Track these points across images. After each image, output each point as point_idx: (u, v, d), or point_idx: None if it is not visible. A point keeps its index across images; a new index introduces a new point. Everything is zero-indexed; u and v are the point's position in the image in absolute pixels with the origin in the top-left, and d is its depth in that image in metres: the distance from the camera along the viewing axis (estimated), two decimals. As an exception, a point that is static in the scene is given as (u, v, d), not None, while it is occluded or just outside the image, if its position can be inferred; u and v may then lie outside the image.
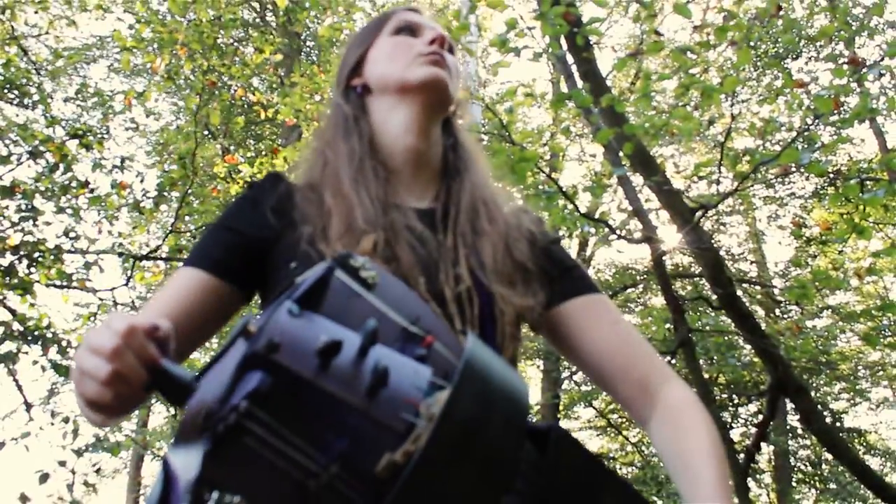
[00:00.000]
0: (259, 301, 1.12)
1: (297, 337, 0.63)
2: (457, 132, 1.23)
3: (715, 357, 7.29)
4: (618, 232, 5.08)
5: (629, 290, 9.58)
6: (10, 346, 5.06)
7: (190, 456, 0.63)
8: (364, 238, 0.98)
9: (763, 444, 6.53)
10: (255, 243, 1.05)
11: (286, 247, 1.02)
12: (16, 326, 5.10)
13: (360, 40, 1.24)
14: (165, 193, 6.09)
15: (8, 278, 5.03)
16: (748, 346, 6.11)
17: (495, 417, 0.64)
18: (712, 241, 4.94)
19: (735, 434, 8.77)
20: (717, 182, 4.33)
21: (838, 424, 9.03)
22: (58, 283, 5.41)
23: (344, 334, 0.65)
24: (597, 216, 5.42)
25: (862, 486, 6.13)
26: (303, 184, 1.11)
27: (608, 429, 10.52)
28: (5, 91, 5.32)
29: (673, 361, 5.48)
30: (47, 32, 7.06)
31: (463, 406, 0.62)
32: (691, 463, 0.93)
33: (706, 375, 6.44)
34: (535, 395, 9.88)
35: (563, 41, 4.58)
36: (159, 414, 10.88)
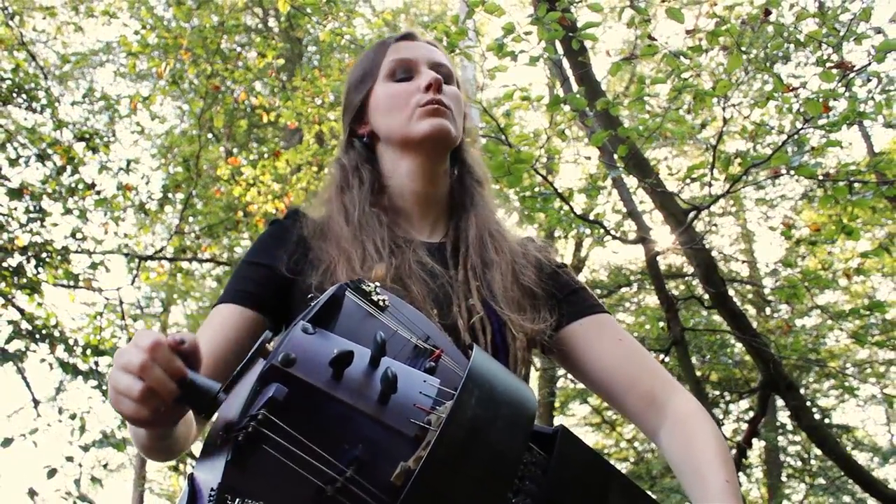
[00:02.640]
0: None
1: (311, 351, 0.67)
2: (465, 156, 1.26)
3: (707, 355, 7.36)
4: (612, 233, 5.15)
5: (623, 290, 9.61)
6: (18, 344, 5.11)
7: (213, 466, 0.67)
8: (375, 267, 1.03)
9: (754, 440, 6.61)
10: (282, 276, 1.09)
11: (304, 285, 1.06)
12: (24, 325, 5.15)
13: (357, 81, 1.24)
14: (170, 195, 6.16)
15: (16, 278, 5.09)
16: (740, 345, 6.19)
17: (500, 419, 0.67)
18: (704, 242, 5.02)
19: (727, 430, 8.77)
20: (710, 184, 4.37)
21: (827, 421, 9.05)
22: (65, 282, 5.47)
23: (355, 348, 0.68)
24: (592, 217, 5.49)
25: (850, 480, 6.21)
26: (316, 228, 1.15)
27: (602, 425, 10.57)
28: (14, 95, 5.37)
29: (666, 359, 5.56)
30: (55, 38, 7.15)
31: (468, 408, 0.65)
32: (702, 468, 0.96)
33: (699, 373, 6.51)
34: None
35: (558, 46, 4.64)
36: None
